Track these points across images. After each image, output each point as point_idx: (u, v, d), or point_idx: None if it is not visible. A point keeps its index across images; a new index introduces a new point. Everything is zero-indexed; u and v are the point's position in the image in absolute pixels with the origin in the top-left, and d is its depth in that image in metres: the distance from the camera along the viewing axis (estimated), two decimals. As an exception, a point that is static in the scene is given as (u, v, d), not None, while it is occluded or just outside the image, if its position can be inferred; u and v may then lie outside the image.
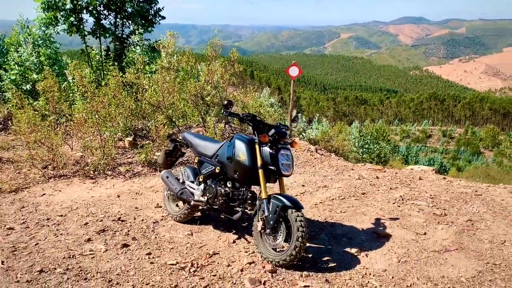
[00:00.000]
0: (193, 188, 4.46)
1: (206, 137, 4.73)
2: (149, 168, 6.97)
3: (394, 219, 4.79)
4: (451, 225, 4.61)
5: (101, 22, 11.74)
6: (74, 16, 11.19)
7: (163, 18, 12.65)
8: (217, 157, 4.23)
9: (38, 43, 12.36)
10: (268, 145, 3.78)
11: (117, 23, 12.30)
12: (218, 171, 4.18)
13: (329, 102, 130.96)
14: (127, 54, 11.93)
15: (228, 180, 4.19)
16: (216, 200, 4.17)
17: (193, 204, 4.38)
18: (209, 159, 4.36)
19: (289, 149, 3.86)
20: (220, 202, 4.14)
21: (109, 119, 7.55)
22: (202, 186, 4.36)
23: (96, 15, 11.38)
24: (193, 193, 4.41)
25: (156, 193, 5.79)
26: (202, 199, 4.30)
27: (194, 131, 8.91)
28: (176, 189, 4.53)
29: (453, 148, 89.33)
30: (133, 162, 7.24)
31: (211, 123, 8.27)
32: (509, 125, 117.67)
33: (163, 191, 4.99)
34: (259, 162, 3.76)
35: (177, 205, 4.80)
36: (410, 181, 6.51)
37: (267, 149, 3.77)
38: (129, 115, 8.27)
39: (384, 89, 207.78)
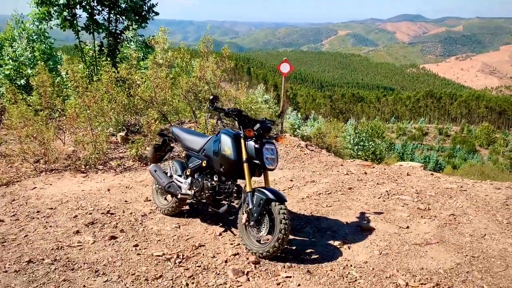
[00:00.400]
0: (180, 181, 4.54)
1: (194, 131, 4.80)
2: (140, 162, 7.04)
3: (378, 213, 4.89)
4: (434, 219, 4.71)
5: (95, 17, 11.77)
6: (67, 11, 11.21)
7: (157, 14, 12.67)
8: (204, 151, 4.31)
9: (32, 38, 12.39)
10: (253, 140, 3.86)
11: (111, 18, 12.32)
12: (204, 165, 4.26)
13: (326, 99, 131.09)
14: (121, 49, 11.95)
15: (214, 174, 4.27)
16: (202, 193, 4.25)
17: (180, 197, 4.46)
18: (196, 153, 4.44)
19: (273, 143, 3.94)
20: (206, 195, 4.22)
21: (101, 114, 7.60)
22: (189, 179, 4.44)
23: (89, 10, 11.40)
24: (180, 187, 4.49)
25: (146, 187, 5.86)
26: (189, 192, 4.38)
27: (186, 126, 8.98)
28: (163, 183, 4.61)
29: (449, 146, 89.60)
30: (124, 157, 7.31)
31: (203, 118, 8.34)
32: (505, 123, 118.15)
33: (152, 185, 5.07)
34: (244, 156, 3.83)
35: (165, 199, 4.87)
36: (398, 177, 6.61)
37: (252, 143, 3.85)
38: (121, 110, 8.33)
39: (381, 87, 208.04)
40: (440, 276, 3.48)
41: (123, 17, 12.37)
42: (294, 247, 3.98)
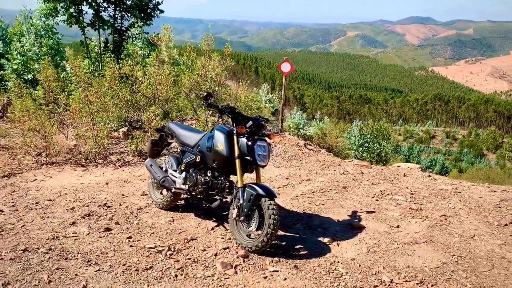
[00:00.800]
0: (175, 176, 4.63)
1: (190, 127, 4.89)
2: (139, 157, 7.15)
3: (370, 212, 4.94)
4: (425, 219, 4.76)
5: (100, 14, 11.92)
6: (74, 7, 11.38)
7: (162, 12, 12.79)
8: (198, 147, 4.40)
9: (40, 34, 12.57)
10: (245, 136, 3.94)
11: (116, 15, 12.47)
12: (198, 161, 4.35)
13: (333, 100, 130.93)
14: (126, 46, 12.10)
15: (208, 169, 4.36)
16: (196, 188, 4.34)
17: (174, 191, 4.56)
18: (191, 148, 4.53)
19: (265, 140, 4.02)
20: (200, 190, 4.31)
21: (103, 110, 7.73)
22: (183, 174, 4.53)
23: (95, 7, 11.56)
24: (174, 181, 4.58)
25: (143, 181, 5.96)
26: (183, 187, 4.47)
27: (188, 123, 9.07)
28: (158, 177, 4.70)
29: (456, 149, 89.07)
30: (124, 152, 7.42)
31: (203, 116, 8.44)
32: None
33: (148, 179, 5.17)
34: (236, 152, 3.92)
35: (161, 193, 4.97)
36: (394, 178, 6.64)
37: (244, 140, 3.93)
38: (124, 106, 8.45)
39: (389, 89, 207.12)
40: (425, 274, 3.53)
41: (129, 14, 12.51)
42: (284, 243, 4.06)
